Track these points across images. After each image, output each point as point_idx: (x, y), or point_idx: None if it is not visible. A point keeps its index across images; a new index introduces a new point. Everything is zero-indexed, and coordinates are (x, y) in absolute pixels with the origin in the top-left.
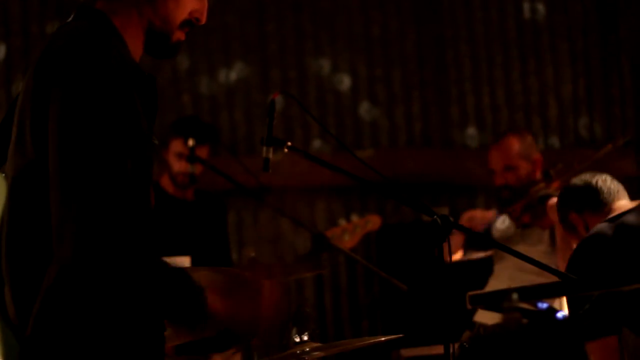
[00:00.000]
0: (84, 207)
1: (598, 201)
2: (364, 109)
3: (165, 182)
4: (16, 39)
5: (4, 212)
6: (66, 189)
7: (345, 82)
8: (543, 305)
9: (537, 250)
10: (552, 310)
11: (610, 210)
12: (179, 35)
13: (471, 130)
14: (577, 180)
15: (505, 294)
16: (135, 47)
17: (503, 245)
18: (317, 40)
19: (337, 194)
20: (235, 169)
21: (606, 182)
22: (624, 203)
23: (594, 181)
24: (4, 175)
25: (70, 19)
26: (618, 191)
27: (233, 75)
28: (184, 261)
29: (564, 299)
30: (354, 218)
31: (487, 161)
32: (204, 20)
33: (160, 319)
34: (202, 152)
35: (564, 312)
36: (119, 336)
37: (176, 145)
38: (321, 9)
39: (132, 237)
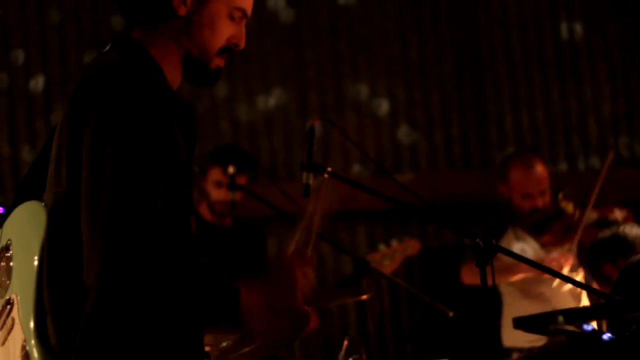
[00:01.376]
0: (110, 230)
1: (628, 246)
2: (403, 132)
3: (204, 210)
4: (54, 69)
5: (44, 242)
6: (94, 211)
7: (383, 106)
8: (588, 327)
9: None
10: (598, 333)
11: None
12: (218, 62)
13: (511, 151)
14: (603, 233)
15: (550, 316)
16: (174, 76)
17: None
18: (354, 64)
19: (378, 218)
20: (274, 195)
21: (631, 229)
22: None
23: (619, 230)
24: (43, 204)
25: (106, 48)
26: None
27: (271, 102)
28: None
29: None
30: (394, 243)
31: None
32: (242, 45)
33: (198, 338)
34: (241, 181)
35: (610, 334)
36: (158, 354)
37: (215, 174)
38: (358, 34)
39: (159, 259)
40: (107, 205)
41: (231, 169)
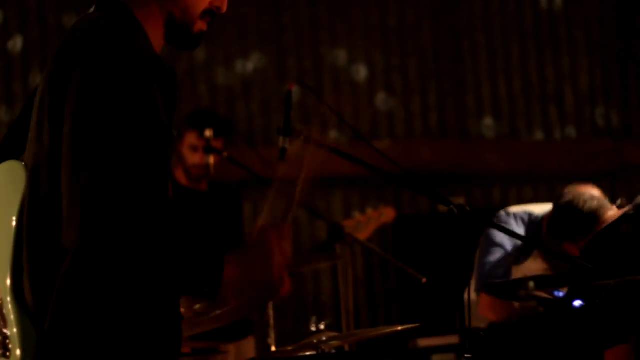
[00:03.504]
0: (91, 191)
1: (585, 222)
2: (380, 99)
3: (179, 175)
4: (33, 30)
5: (23, 202)
6: (75, 172)
7: (361, 72)
8: (560, 293)
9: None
10: (569, 299)
11: (602, 225)
12: (201, 26)
13: (487, 121)
14: (564, 207)
15: (521, 282)
16: (156, 38)
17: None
18: (333, 30)
19: (354, 184)
20: (251, 159)
21: (584, 201)
22: (612, 214)
23: (573, 205)
24: (23, 164)
25: (91, 9)
26: (602, 207)
27: (249, 66)
28: None
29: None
30: (369, 210)
31: (503, 151)
32: (224, 9)
33: (175, 303)
34: (218, 145)
35: (580, 300)
36: (133, 322)
37: (191, 138)
38: (337, 0)
39: (140, 222)
40: (88, 167)
41: (207, 133)
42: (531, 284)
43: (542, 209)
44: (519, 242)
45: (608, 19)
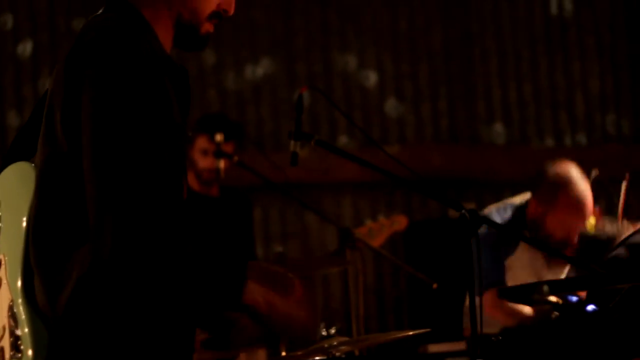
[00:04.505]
0: (121, 202)
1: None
2: (391, 104)
3: (191, 179)
4: (43, 34)
5: (32, 203)
6: (102, 183)
7: (371, 78)
8: (573, 298)
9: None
10: (583, 303)
11: None
12: (208, 27)
13: (498, 126)
14: (583, 239)
15: (535, 286)
16: (166, 39)
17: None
18: (343, 35)
19: (364, 189)
20: (261, 164)
21: (608, 227)
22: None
23: (597, 234)
24: (33, 165)
25: (100, 11)
26: (619, 230)
27: (259, 71)
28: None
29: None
30: (381, 216)
31: (514, 157)
32: (232, 11)
33: (191, 312)
34: (228, 149)
35: (594, 305)
36: (150, 328)
37: (202, 142)
38: (348, 4)
39: (166, 230)
40: (113, 175)
41: (218, 137)
42: (545, 287)
43: (520, 198)
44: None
45: (618, 24)
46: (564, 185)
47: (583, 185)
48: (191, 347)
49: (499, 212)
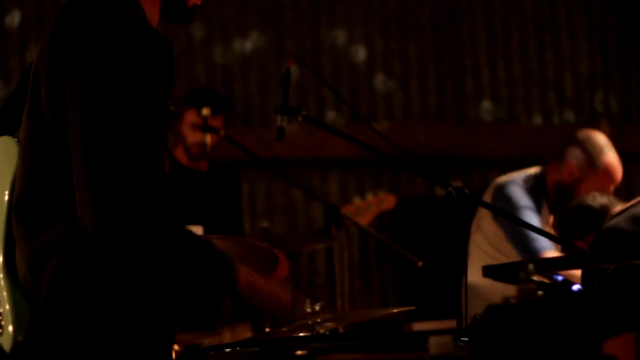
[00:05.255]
0: (107, 176)
1: (595, 219)
2: (379, 81)
3: (179, 154)
4: (30, 5)
5: (16, 175)
6: (87, 156)
7: (360, 53)
8: (559, 277)
9: None
10: (568, 283)
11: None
12: (195, 0)
13: (486, 104)
14: (568, 209)
15: (521, 265)
16: (152, 13)
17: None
18: (332, 11)
19: (351, 166)
20: (248, 139)
21: (594, 198)
22: (619, 208)
23: (583, 203)
24: (16, 140)
25: None
26: (611, 203)
27: (248, 46)
28: (196, 230)
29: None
30: (367, 193)
31: (503, 136)
32: None
33: (178, 288)
34: (217, 123)
35: (579, 285)
36: (136, 304)
37: (191, 116)
38: None
39: (155, 205)
40: (99, 151)
41: (205, 111)
42: (530, 266)
43: (531, 170)
44: (527, 199)
45: (608, 4)
46: (604, 150)
47: (614, 151)
48: (174, 328)
49: (517, 182)
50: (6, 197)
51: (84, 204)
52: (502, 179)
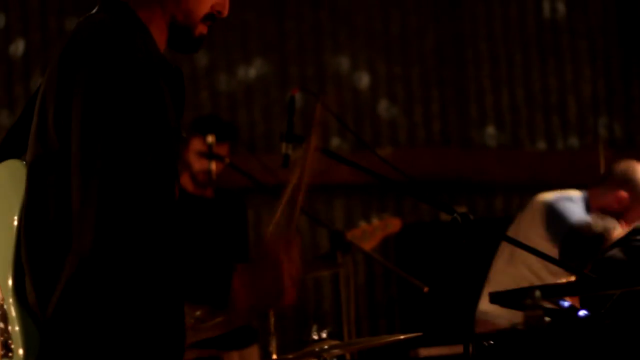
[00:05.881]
0: (103, 198)
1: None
2: (383, 107)
3: (185, 181)
4: (35, 34)
5: (24, 200)
6: (86, 179)
7: (363, 80)
8: (565, 303)
9: None
10: (574, 309)
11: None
12: (202, 29)
13: (490, 130)
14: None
15: (527, 291)
16: (160, 40)
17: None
18: (335, 37)
19: (356, 192)
20: (253, 166)
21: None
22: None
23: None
24: (24, 163)
25: (94, 10)
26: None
27: (252, 73)
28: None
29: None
30: (374, 218)
31: (506, 160)
32: (225, 13)
33: (180, 311)
34: (222, 150)
35: (585, 311)
36: (138, 326)
37: (197, 144)
38: (340, 7)
39: (151, 229)
40: (99, 173)
41: (210, 138)
42: (537, 292)
43: (573, 192)
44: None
45: (611, 28)
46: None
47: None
48: (181, 346)
49: (572, 199)
50: (15, 222)
51: (80, 226)
52: (552, 196)
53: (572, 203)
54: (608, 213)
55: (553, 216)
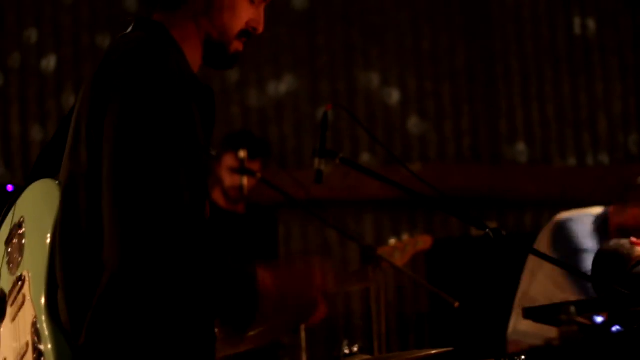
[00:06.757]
0: (132, 214)
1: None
2: (413, 123)
3: (217, 196)
4: (67, 50)
5: (58, 219)
6: (117, 196)
7: (394, 96)
8: (598, 318)
9: None
10: (608, 324)
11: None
12: (237, 46)
13: (520, 146)
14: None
15: (562, 307)
16: (194, 58)
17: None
18: (366, 53)
19: (386, 207)
20: (283, 181)
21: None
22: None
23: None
24: (57, 183)
25: (128, 30)
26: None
27: (282, 88)
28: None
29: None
30: (402, 233)
31: (536, 176)
32: (261, 29)
33: (211, 324)
34: (255, 166)
35: (619, 326)
36: (170, 342)
37: (229, 160)
38: (371, 23)
39: (180, 245)
40: (129, 190)
41: (242, 154)
42: (572, 308)
43: (594, 209)
44: (590, 240)
45: None
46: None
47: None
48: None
49: (582, 220)
50: (48, 240)
51: (111, 242)
52: (564, 216)
53: (580, 224)
54: (627, 231)
55: (559, 237)
